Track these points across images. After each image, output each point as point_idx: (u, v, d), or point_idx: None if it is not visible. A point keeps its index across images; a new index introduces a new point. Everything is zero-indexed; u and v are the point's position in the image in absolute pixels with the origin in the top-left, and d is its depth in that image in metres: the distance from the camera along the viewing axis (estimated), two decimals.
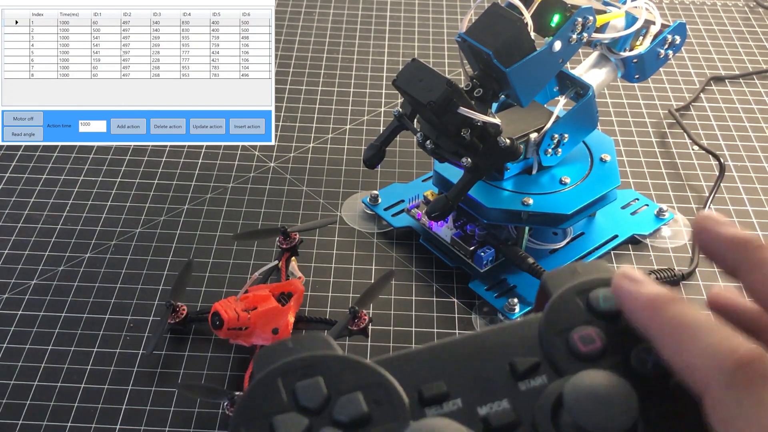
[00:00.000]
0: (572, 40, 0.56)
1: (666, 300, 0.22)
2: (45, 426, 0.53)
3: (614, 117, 0.82)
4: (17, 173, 0.73)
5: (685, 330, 0.21)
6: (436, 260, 0.65)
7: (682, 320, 0.22)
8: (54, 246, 0.66)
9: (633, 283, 0.23)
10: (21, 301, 0.61)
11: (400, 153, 0.76)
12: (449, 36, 0.94)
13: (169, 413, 0.54)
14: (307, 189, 0.72)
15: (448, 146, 0.55)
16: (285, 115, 0.81)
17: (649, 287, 0.23)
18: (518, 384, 0.22)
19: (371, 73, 0.88)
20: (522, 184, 0.62)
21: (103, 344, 0.58)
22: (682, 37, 0.62)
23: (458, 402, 0.21)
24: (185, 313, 0.58)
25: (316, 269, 0.64)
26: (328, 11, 0.98)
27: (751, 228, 0.70)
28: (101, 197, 0.71)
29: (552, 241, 0.65)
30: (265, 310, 0.54)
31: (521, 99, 0.57)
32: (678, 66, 0.90)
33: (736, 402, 0.19)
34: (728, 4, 1.02)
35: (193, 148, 0.76)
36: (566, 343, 0.22)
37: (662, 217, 0.68)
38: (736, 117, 0.83)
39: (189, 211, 0.70)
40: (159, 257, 0.65)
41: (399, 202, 0.69)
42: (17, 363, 0.56)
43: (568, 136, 0.61)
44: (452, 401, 0.21)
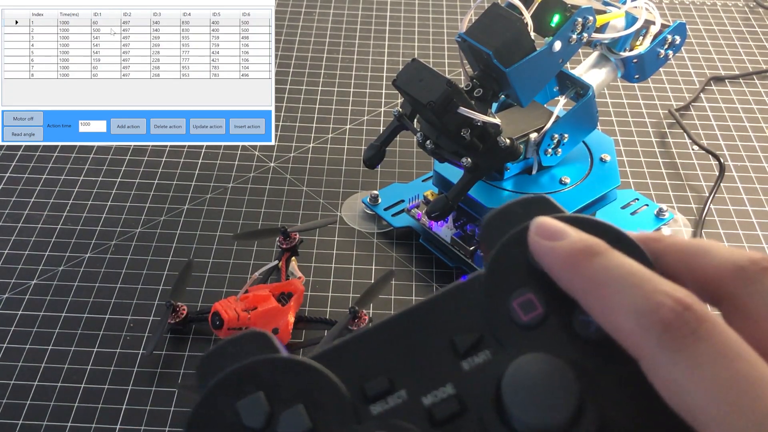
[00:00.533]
0: (572, 40, 0.56)
1: (587, 253, 0.20)
2: (45, 426, 0.53)
3: (614, 117, 0.82)
4: (17, 173, 0.73)
5: (607, 287, 0.19)
6: (436, 260, 0.65)
7: (605, 276, 0.20)
8: (54, 246, 0.66)
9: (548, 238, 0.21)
10: (21, 301, 0.61)
11: (400, 153, 0.76)
12: (449, 36, 0.94)
13: (169, 413, 0.54)
14: (307, 189, 0.72)
15: (448, 146, 0.55)
16: (285, 115, 0.81)
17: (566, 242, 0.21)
18: (461, 363, 0.21)
19: (371, 73, 0.88)
20: (522, 184, 0.62)
21: (103, 344, 0.58)
22: (682, 37, 0.62)
23: (402, 394, 0.21)
24: (185, 313, 0.58)
25: (316, 269, 0.64)
26: (328, 11, 0.98)
27: (751, 228, 0.70)
28: (101, 197, 0.71)
29: None
30: (265, 310, 0.55)
31: (521, 99, 0.57)
32: (678, 66, 0.90)
33: (671, 363, 0.18)
34: (728, 4, 1.02)
35: (193, 148, 0.76)
36: (507, 312, 0.21)
37: (662, 217, 0.68)
38: (736, 117, 0.83)
39: (189, 211, 0.70)
40: (159, 257, 0.65)
41: (399, 202, 0.69)
42: (17, 363, 0.57)
43: (568, 136, 0.61)
44: (396, 394, 0.21)
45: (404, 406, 0.21)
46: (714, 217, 0.71)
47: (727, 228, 0.69)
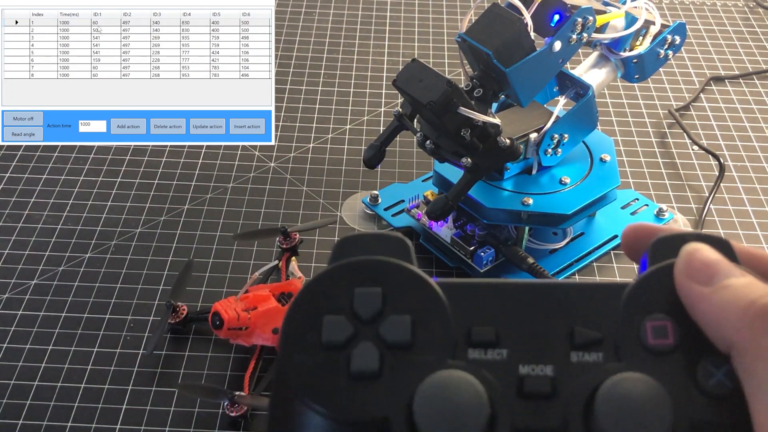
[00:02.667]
0: (572, 40, 0.56)
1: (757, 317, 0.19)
2: (45, 426, 0.53)
3: (614, 117, 0.82)
4: (17, 173, 0.73)
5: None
6: (436, 260, 0.65)
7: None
8: (54, 246, 0.66)
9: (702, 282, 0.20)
10: (21, 301, 0.61)
11: (400, 153, 0.76)
12: (449, 36, 0.94)
13: (169, 413, 0.54)
14: (307, 189, 0.72)
15: (448, 146, 0.55)
16: (285, 115, 0.81)
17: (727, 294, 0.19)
18: (572, 353, 0.21)
19: (371, 73, 0.88)
20: (522, 184, 0.62)
21: (103, 344, 0.58)
22: (681, 37, 0.62)
23: (503, 353, 0.21)
24: (185, 313, 0.58)
25: (316, 269, 0.64)
26: (328, 11, 0.98)
27: (751, 228, 0.70)
28: (101, 197, 0.71)
29: (552, 241, 0.65)
30: (265, 310, 0.54)
31: (521, 99, 0.57)
32: (678, 66, 0.90)
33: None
34: (728, 4, 1.02)
35: (193, 148, 0.76)
36: (638, 328, 0.21)
37: (662, 217, 0.68)
38: (736, 117, 0.83)
39: (189, 211, 0.70)
40: (159, 257, 0.65)
41: (399, 202, 0.69)
42: (17, 363, 0.57)
43: (568, 136, 0.61)
44: (498, 350, 0.21)
45: (500, 364, 0.21)
46: (714, 217, 0.71)
47: (727, 228, 0.69)
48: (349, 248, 0.22)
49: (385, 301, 0.21)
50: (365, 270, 0.22)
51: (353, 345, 0.21)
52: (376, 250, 0.22)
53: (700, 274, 0.20)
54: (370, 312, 0.21)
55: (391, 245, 0.23)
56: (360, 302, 0.21)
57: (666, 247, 0.22)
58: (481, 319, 0.21)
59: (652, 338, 0.21)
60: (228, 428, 0.53)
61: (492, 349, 0.21)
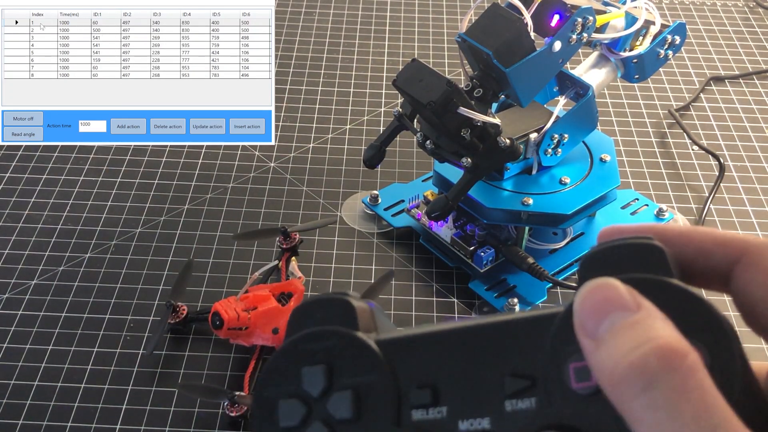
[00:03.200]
0: (572, 41, 0.56)
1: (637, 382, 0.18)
2: (45, 426, 0.53)
3: (614, 117, 0.82)
4: (17, 173, 0.73)
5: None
6: (436, 260, 0.65)
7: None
8: (54, 246, 0.66)
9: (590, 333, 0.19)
10: (21, 301, 0.61)
11: (400, 153, 0.76)
12: (449, 36, 0.94)
13: (169, 413, 0.54)
14: (307, 189, 0.72)
15: (448, 146, 0.55)
16: (285, 115, 0.81)
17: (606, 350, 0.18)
18: (505, 402, 0.21)
19: (371, 73, 0.88)
20: (522, 184, 0.62)
21: (103, 344, 0.58)
22: (681, 38, 0.62)
23: (443, 411, 0.21)
24: (185, 313, 0.58)
25: (316, 269, 0.64)
26: (328, 11, 0.98)
27: (751, 228, 0.70)
28: (101, 197, 0.71)
29: (552, 241, 0.65)
30: (265, 310, 0.54)
31: (521, 99, 0.57)
32: (678, 66, 0.90)
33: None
34: (728, 4, 1.02)
35: (193, 148, 0.76)
36: (562, 370, 0.20)
37: (662, 217, 0.68)
38: (736, 117, 0.83)
39: (189, 211, 0.70)
40: (159, 257, 0.65)
41: (399, 202, 0.69)
42: (17, 363, 0.57)
43: (568, 136, 0.61)
44: (438, 408, 0.21)
45: (441, 423, 0.21)
46: (714, 217, 0.71)
47: (726, 228, 0.69)
48: (300, 319, 0.23)
49: (331, 375, 0.22)
50: (310, 342, 0.22)
51: (308, 424, 0.22)
52: (321, 318, 0.23)
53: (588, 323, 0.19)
54: (317, 390, 0.22)
55: (333, 309, 0.23)
56: (308, 381, 0.22)
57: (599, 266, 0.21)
58: (421, 376, 0.22)
59: (575, 381, 0.20)
60: (228, 428, 0.53)
61: (433, 408, 0.21)
